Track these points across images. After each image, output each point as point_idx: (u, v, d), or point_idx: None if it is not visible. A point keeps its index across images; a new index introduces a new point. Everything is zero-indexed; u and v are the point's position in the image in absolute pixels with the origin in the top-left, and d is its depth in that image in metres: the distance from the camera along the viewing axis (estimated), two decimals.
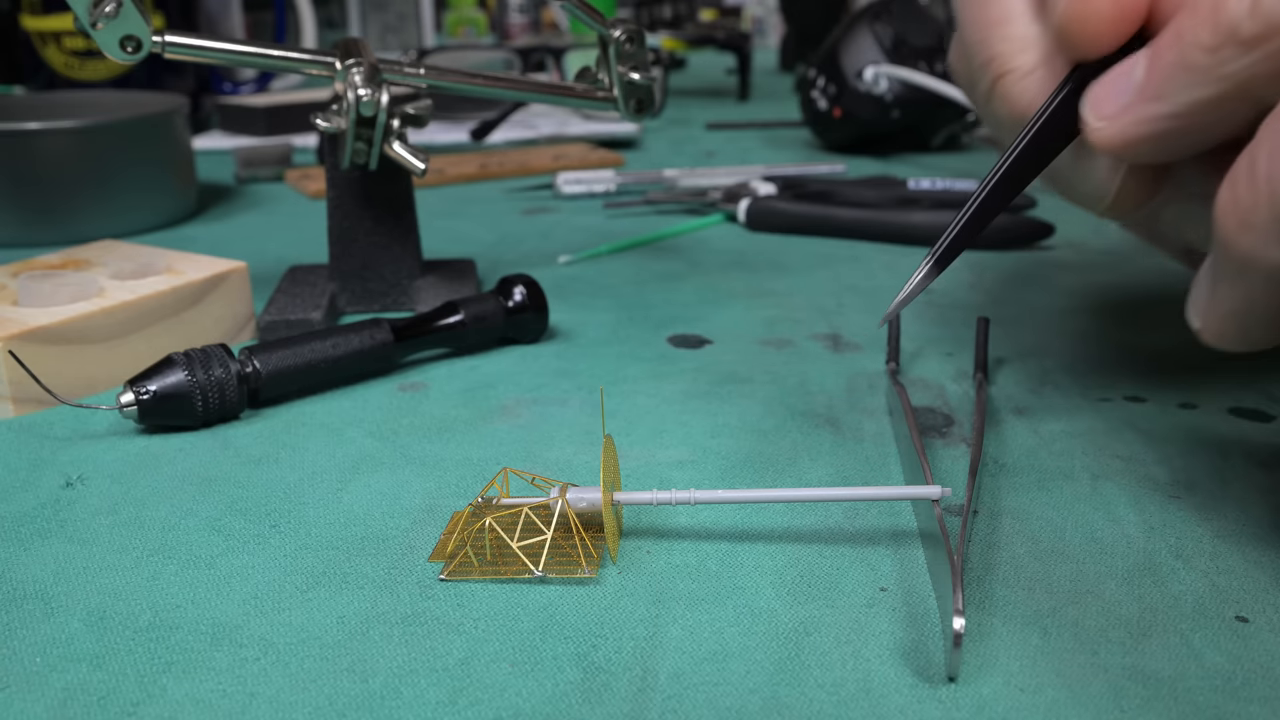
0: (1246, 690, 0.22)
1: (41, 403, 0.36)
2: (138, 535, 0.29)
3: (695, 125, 0.95)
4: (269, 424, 0.35)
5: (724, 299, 0.48)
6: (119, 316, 0.38)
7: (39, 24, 0.83)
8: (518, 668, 0.23)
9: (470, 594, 0.26)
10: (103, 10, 0.38)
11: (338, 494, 0.31)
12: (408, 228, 0.46)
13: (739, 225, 0.61)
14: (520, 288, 0.41)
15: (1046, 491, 0.30)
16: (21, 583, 0.27)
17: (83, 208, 0.57)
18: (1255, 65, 0.21)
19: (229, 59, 0.41)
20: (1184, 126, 0.23)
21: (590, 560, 0.27)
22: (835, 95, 0.77)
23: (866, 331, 0.43)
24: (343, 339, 0.38)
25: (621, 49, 0.45)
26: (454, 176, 0.73)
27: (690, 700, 0.22)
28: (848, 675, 0.23)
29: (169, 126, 0.61)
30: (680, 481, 0.31)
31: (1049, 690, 0.22)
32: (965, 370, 0.39)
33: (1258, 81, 0.21)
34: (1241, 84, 0.21)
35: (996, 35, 0.28)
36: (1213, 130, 0.23)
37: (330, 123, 0.42)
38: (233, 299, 0.42)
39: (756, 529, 0.29)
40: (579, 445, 0.34)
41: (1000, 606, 0.25)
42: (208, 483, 0.32)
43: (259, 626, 0.25)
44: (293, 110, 0.86)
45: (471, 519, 0.28)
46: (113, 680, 0.23)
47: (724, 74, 1.31)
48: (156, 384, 0.34)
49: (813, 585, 0.26)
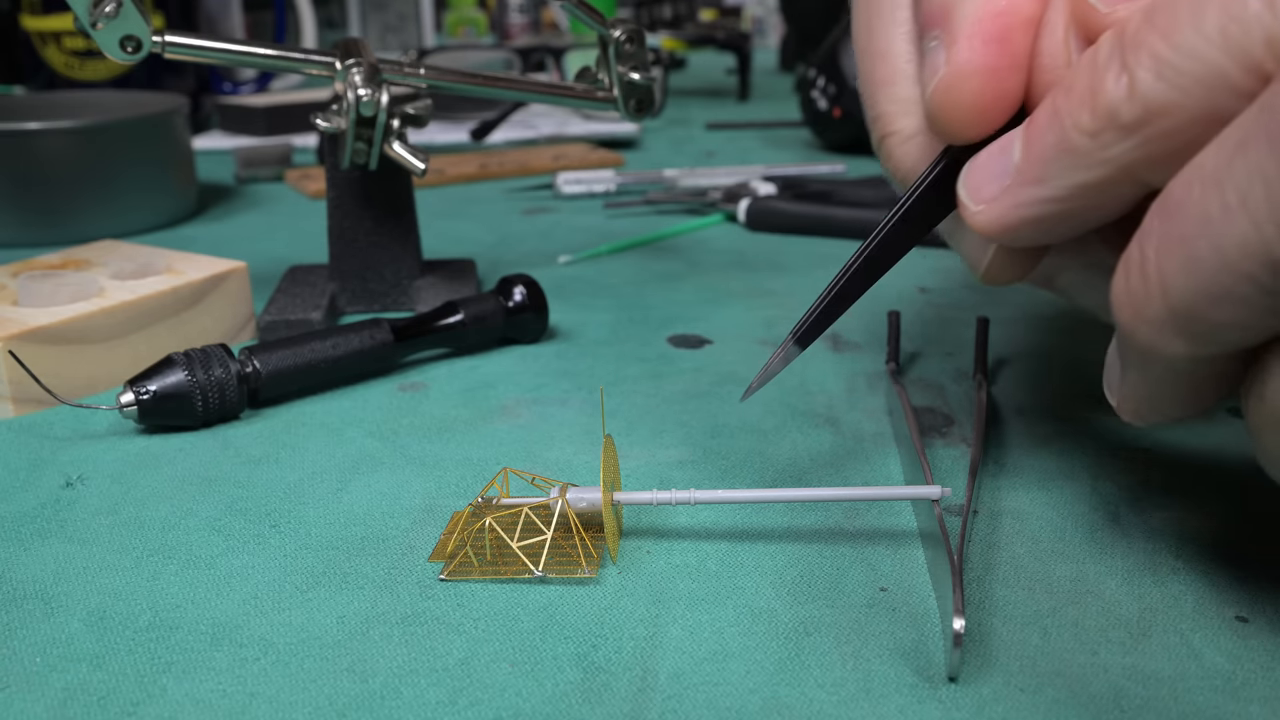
0: (1246, 690, 0.22)
1: (41, 403, 0.36)
2: (138, 535, 0.29)
3: (695, 125, 0.95)
4: (269, 424, 0.35)
5: (724, 299, 0.48)
6: (119, 316, 0.38)
7: (39, 24, 0.83)
8: (518, 668, 0.23)
9: (470, 594, 0.26)
10: (103, 10, 0.38)
11: (338, 494, 0.31)
12: (408, 228, 0.46)
13: (739, 225, 0.61)
14: (520, 288, 0.41)
15: (1046, 491, 0.30)
16: (21, 583, 0.27)
17: (83, 208, 0.57)
18: (1136, 150, 0.19)
19: (229, 59, 0.41)
20: (1066, 210, 0.21)
21: (590, 560, 0.27)
22: (835, 95, 0.77)
23: (866, 331, 0.43)
24: (343, 339, 0.38)
25: (621, 49, 0.45)
26: (454, 176, 0.73)
27: (690, 700, 0.22)
28: (848, 675, 0.23)
29: (169, 126, 0.61)
30: (680, 481, 0.31)
31: (1049, 690, 0.22)
32: (965, 370, 0.39)
33: (1140, 165, 0.20)
34: (1124, 168, 0.20)
35: (882, 95, 0.27)
36: (1098, 213, 0.21)
37: (330, 123, 0.42)
38: (233, 299, 0.42)
39: (756, 529, 0.29)
40: (579, 445, 0.34)
41: (1000, 606, 0.25)
42: (208, 483, 0.32)
43: (259, 626, 0.25)
44: (293, 110, 0.86)
45: (471, 519, 0.28)
46: (113, 680, 0.23)
47: (724, 74, 1.31)
48: (156, 384, 0.34)
49: (813, 585, 0.26)
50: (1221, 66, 0.18)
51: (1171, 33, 0.18)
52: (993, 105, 0.22)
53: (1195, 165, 0.18)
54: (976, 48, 0.22)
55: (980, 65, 0.22)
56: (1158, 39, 0.19)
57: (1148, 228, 0.19)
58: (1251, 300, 0.18)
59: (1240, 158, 0.17)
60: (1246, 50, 0.17)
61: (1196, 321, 0.19)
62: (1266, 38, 0.17)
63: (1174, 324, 0.19)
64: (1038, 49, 0.22)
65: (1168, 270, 0.19)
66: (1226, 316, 0.18)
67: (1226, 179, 0.17)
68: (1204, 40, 0.18)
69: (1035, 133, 0.21)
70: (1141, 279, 0.19)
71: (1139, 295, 0.19)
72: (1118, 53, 0.19)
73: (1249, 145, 0.17)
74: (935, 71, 0.23)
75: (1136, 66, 0.19)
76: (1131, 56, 0.19)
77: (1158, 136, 0.19)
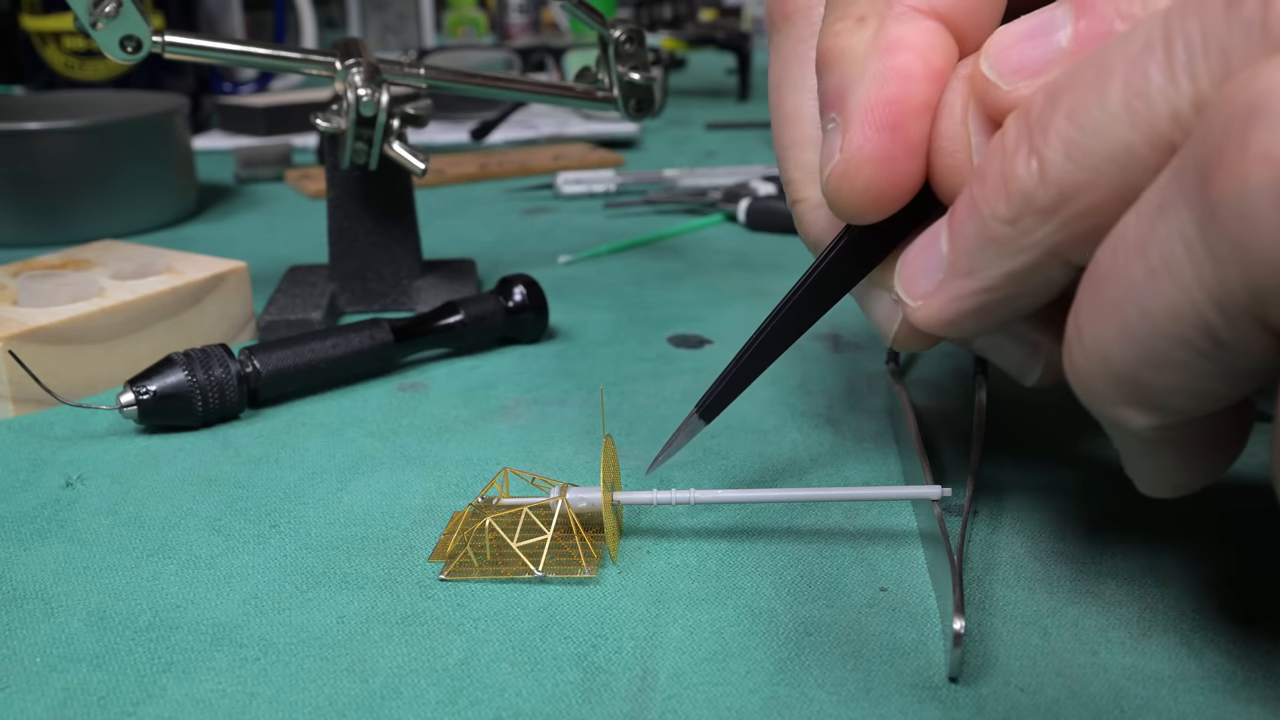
0: (1246, 690, 0.22)
1: (41, 403, 0.36)
2: (138, 535, 0.29)
3: (695, 125, 0.95)
4: (269, 424, 0.35)
5: (724, 299, 0.48)
6: (119, 316, 0.38)
7: (39, 24, 0.83)
8: (518, 668, 0.23)
9: (470, 594, 0.26)
10: (103, 10, 0.38)
11: (338, 494, 0.31)
12: (408, 228, 0.46)
13: (739, 225, 0.61)
14: (520, 288, 0.41)
15: (1046, 491, 0.30)
16: (21, 583, 0.27)
17: (83, 208, 0.57)
18: (1057, 232, 0.19)
19: (229, 59, 0.41)
20: (1000, 299, 0.21)
21: (590, 560, 0.27)
22: None
23: (866, 331, 0.43)
24: (343, 339, 0.38)
25: (621, 49, 0.45)
26: (454, 176, 0.73)
27: (690, 700, 0.22)
28: (848, 675, 0.23)
29: (169, 126, 0.61)
30: (680, 481, 0.31)
31: (1049, 690, 0.22)
32: (965, 370, 0.39)
33: (1064, 247, 0.19)
34: (1048, 251, 0.20)
35: (790, 160, 0.27)
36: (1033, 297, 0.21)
37: (330, 123, 0.42)
38: (233, 299, 0.42)
39: (756, 529, 0.29)
40: (579, 445, 0.34)
41: (1000, 606, 0.25)
42: (208, 483, 0.32)
43: (259, 626, 0.25)
44: (293, 110, 0.86)
45: (471, 519, 0.28)
46: (113, 680, 0.23)
47: (724, 74, 1.31)
48: (156, 384, 0.34)
49: (813, 585, 0.26)
50: (1130, 142, 0.18)
51: (1076, 112, 0.18)
52: (887, 191, 0.22)
53: (1117, 233, 0.18)
54: (869, 135, 0.22)
55: (872, 154, 0.22)
56: (1063, 119, 0.18)
57: (1080, 301, 0.19)
58: (1192, 365, 0.17)
59: (1160, 223, 0.17)
60: (1152, 125, 0.17)
61: (1142, 390, 0.18)
62: (1171, 111, 0.17)
63: (1121, 395, 0.19)
64: (936, 131, 0.22)
65: (1103, 340, 0.18)
66: (1169, 382, 0.18)
67: (1149, 244, 0.17)
68: (1109, 118, 0.18)
69: (956, 224, 0.21)
70: (1082, 352, 0.19)
71: (1083, 369, 0.19)
72: (1025, 136, 0.19)
73: (1166, 210, 0.17)
74: (831, 156, 0.22)
75: (1045, 148, 0.19)
76: (1039, 139, 0.19)
77: (1075, 217, 0.19)
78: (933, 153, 0.22)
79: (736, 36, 1.15)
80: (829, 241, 0.25)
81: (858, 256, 0.25)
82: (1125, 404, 0.19)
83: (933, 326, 0.22)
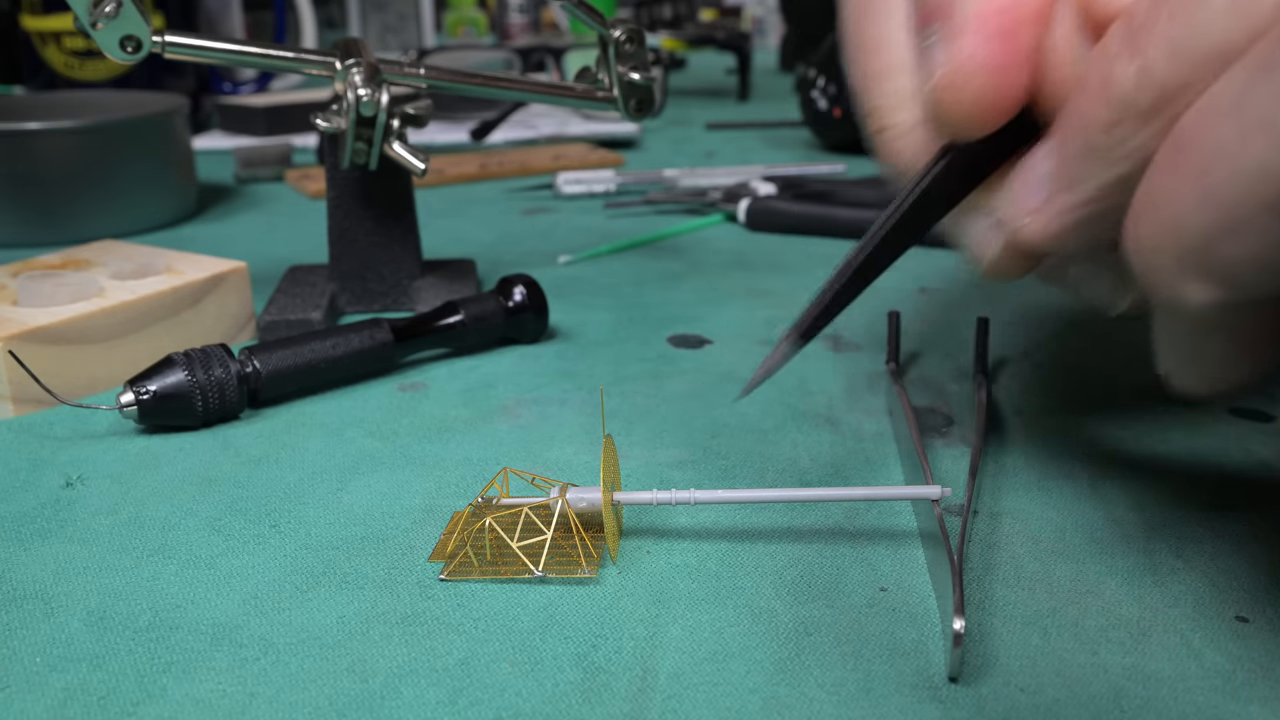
0: (1246, 690, 0.22)
1: (41, 403, 0.36)
2: (138, 535, 0.29)
3: (695, 125, 0.95)
4: (269, 424, 0.35)
5: (724, 299, 0.48)
6: (119, 316, 0.38)
7: (39, 24, 0.83)
8: (518, 668, 0.23)
9: (470, 594, 0.26)
10: (103, 10, 0.38)
11: (338, 494, 0.31)
12: (408, 228, 0.46)
13: (739, 225, 0.61)
14: (520, 288, 0.41)
15: (1046, 491, 0.30)
16: (21, 583, 0.27)
17: (83, 208, 0.57)
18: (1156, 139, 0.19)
19: (229, 59, 0.41)
20: (1103, 209, 0.21)
21: (590, 560, 0.27)
22: (835, 95, 0.77)
23: (866, 331, 0.43)
24: (343, 339, 0.38)
25: (621, 49, 0.45)
26: (454, 176, 0.73)
27: (690, 700, 0.22)
28: (848, 675, 0.23)
29: (169, 126, 0.61)
30: (680, 481, 0.31)
31: (1049, 690, 0.22)
32: (965, 370, 0.39)
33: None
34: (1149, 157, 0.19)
35: (878, 88, 0.26)
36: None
37: (330, 123, 0.42)
38: (232, 299, 0.42)
39: (756, 529, 0.29)
40: (579, 445, 0.34)
41: (1000, 606, 0.25)
42: (208, 483, 0.32)
43: (259, 626, 0.25)
44: (293, 110, 0.86)
45: (471, 519, 0.28)
46: (113, 680, 0.23)
47: (724, 74, 1.31)
48: (156, 384, 0.34)
49: (813, 585, 0.26)
50: (1233, 38, 0.18)
51: (1179, 12, 0.18)
52: (997, 102, 0.22)
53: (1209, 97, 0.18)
54: (981, 44, 0.22)
55: (985, 62, 0.22)
56: (1167, 19, 0.19)
57: (1155, 170, 0.19)
58: (1271, 231, 0.17)
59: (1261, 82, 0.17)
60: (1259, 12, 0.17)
61: (1213, 260, 0.18)
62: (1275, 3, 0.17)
63: (1191, 265, 0.19)
64: (1044, 43, 0.22)
65: (1182, 206, 0.18)
66: (1246, 252, 0.18)
67: (1245, 105, 0.17)
68: (1213, 13, 0.18)
69: (1063, 138, 0.21)
70: (1154, 222, 0.19)
71: (1151, 240, 0.19)
72: (1128, 40, 0.19)
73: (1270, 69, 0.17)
74: (936, 67, 0.22)
75: (1148, 49, 0.19)
76: (1142, 40, 0.19)
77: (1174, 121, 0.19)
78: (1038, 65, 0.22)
79: (736, 36, 1.15)
80: (920, 167, 0.25)
81: (958, 177, 0.24)
82: (1193, 276, 0.19)
83: (1039, 243, 0.22)
